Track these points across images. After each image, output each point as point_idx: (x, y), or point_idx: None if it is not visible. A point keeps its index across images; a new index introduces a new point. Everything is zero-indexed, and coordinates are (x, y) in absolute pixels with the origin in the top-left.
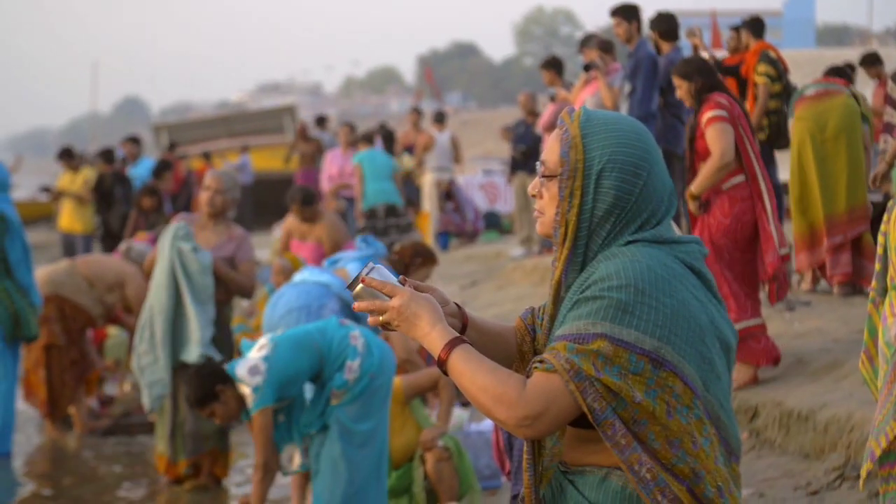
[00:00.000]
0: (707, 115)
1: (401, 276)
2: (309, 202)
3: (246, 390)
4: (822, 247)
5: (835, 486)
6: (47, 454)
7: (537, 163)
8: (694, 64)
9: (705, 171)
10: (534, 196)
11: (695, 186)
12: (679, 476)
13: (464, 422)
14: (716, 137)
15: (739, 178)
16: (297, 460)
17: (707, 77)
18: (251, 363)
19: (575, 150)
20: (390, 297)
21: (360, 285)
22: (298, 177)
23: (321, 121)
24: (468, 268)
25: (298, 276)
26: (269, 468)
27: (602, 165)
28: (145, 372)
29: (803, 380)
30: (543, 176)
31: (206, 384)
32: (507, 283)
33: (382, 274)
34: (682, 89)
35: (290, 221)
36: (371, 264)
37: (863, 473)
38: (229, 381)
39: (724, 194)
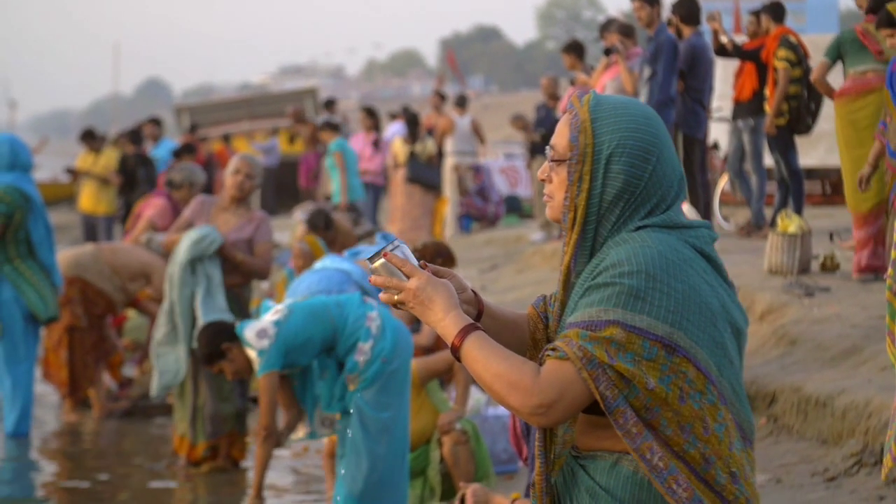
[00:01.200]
0: None
1: (421, 262)
2: (331, 226)
3: (252, 354)
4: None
5: (852, 473)
6: (65, 436)
7: (547, 147)
8: None
9: None
10: (543, 180)
11: None
12: (690, 463)
13: (481, 406)
14: None
15: None
16: (303, 430)
17: None
18: (260, 326)
19: (584, 135)
20: (408, 278)
21: (381, 260)
22: (301, 160)
23: (329, 104)
24: (488, 252)
25: (320, 263)
26: (272, 431)
27: (611, 150)
28: (161, 360)
29: (822, 365)
30: (553, 160)
31: (213, 342)
32: (526, 267)
33: (405, 253)
34: None
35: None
36: (396, 242)
37: (888, 462)
38: (236, 339)
39: None
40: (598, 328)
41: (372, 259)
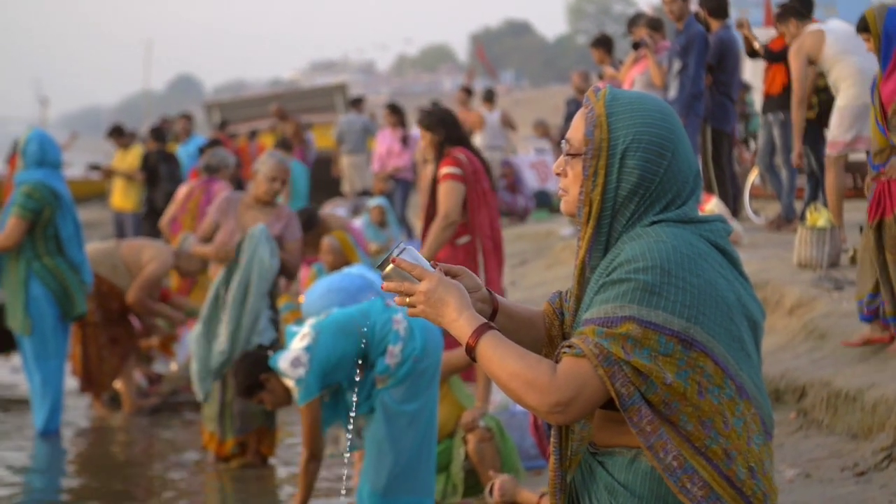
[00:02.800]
0: (443, 170)
1: (432, 261)
2: (314, 224)
3: (290, 383)
4: None
5: (882, 467)
6: (95, 432)
7: (562, 141)
8: (437, 116)
9: (433, 232)
10: (558, 175)
11: (426, 250)
12: (712, 459)
13: (510, 401)
14: (444, 196)
15: (467, 238)
16: (344, 443)
17: (450, 130)
18: (293, 355)
19: (600, 129)
20: (419, 281)
21: (391, 265)
22: None
23: (357, 102)
24: (518, 247)
25: (347, 270)
26: (317, 457)
27: (626, 145)
28: (203, 363)
29: (851, 359)
30: (568, 154)
31: (251, 374)
32: (556, 262)
33: (413, 256)
34: (425, 140)
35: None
36: (402, 245)
37: None
38: (273, 368)
39: (458, 248)
40: (614, 324)
41: (381, 266)
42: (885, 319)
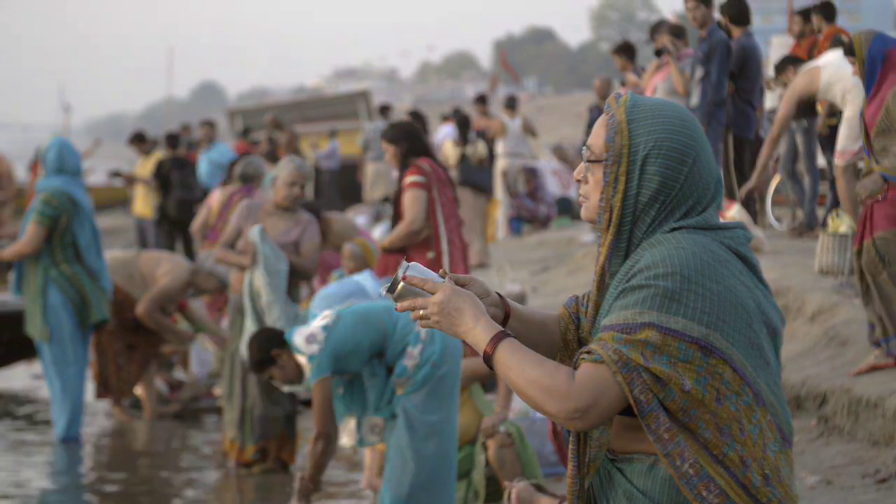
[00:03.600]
0: (407, 179)
1: (441, 270)
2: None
3: (303, 360)
4: None
5: None
6: (116, 439)
7: (583, 147)
8: (402, 129)
9: (397, 232)
10: (579, 181)
11: (386, 241)
12: (728, 467)
13: (529, 408)
14: (409, 203)
15: (433, 254)
16: (347, 439)
17: (413, 142)
18: (309, 331)
19: (620, 136)
20: (431, 294)
21: (402, 285)
22: None
23: (384, 110)
24: (540, 253)
25: (348, 277)
26: (328, 438)
27: (647, 151)
28: None
29: None
30: (588, 161)
31: (263, 348)
32: (577, 268)
33: (420, 271)
34: (389, 153)
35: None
36: (405, 263)
37: None
38: (286, 345)
39: (428, 262)
40: (634, 331)
41: (391, 289)
42: (883, 340)
